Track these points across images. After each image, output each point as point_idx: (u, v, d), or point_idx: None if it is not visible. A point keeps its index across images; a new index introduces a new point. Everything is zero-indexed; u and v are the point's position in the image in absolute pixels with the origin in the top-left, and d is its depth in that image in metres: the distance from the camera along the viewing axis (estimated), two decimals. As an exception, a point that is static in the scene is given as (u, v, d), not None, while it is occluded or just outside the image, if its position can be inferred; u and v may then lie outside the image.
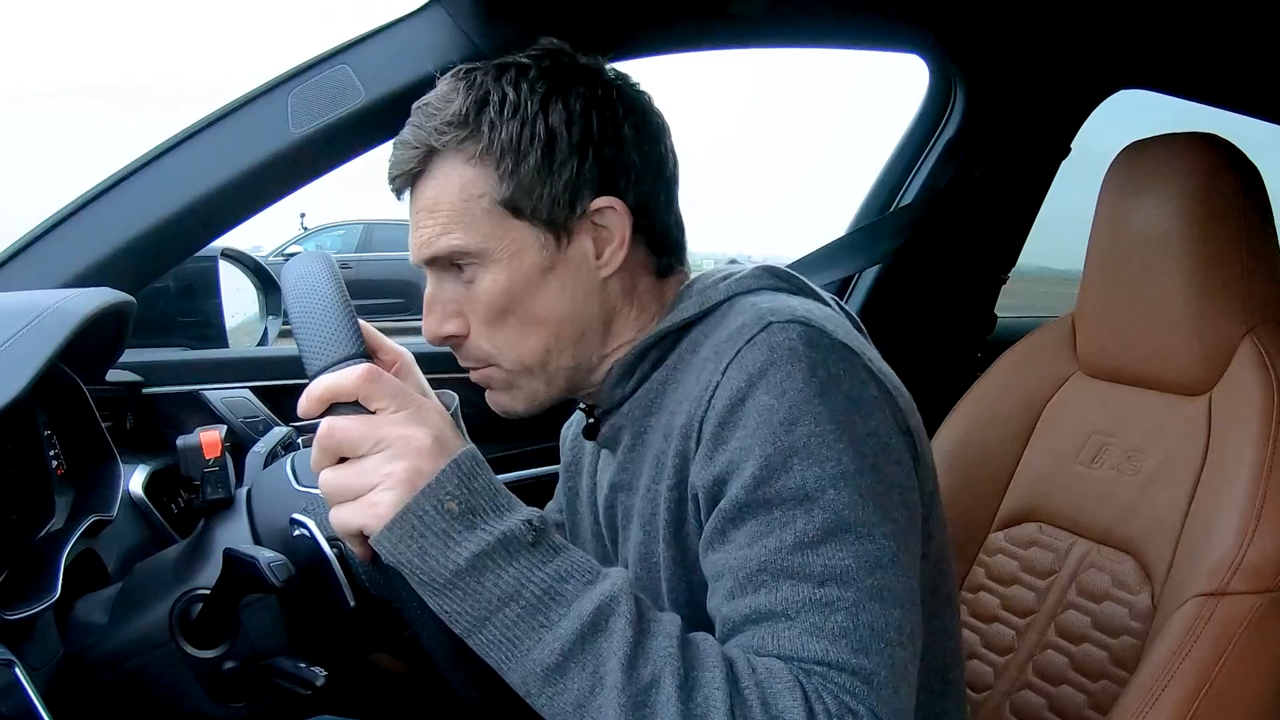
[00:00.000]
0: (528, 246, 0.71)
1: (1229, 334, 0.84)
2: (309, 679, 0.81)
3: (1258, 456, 0.79)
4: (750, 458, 0.61)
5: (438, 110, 0.71)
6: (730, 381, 0.63)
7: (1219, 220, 0.84)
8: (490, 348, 0.73)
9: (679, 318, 0.73)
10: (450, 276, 0.73)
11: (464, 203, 0.70)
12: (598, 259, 0.72)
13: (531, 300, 0.71)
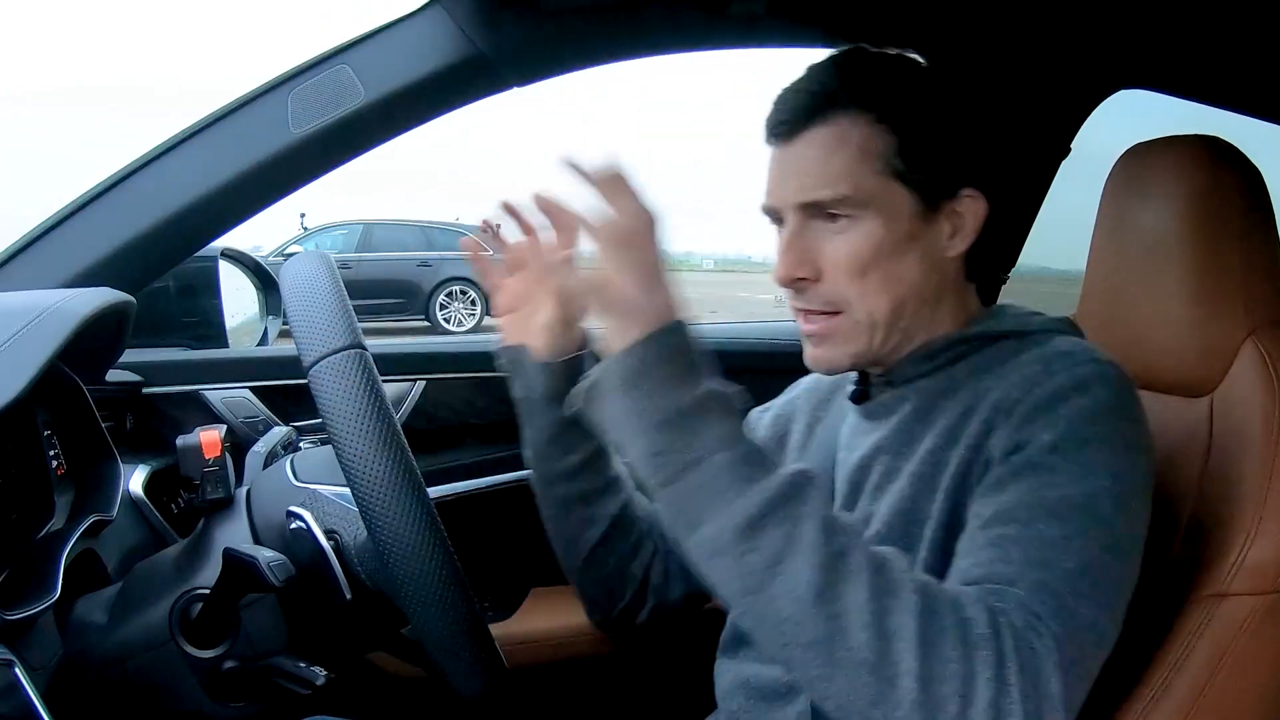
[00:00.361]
0: (903, 212, 0.77)
1: (1231, 336, 0.84)
2: (309, 679, 0.81)
3: (1259, 458, 0.79)
4: (1051, 431, 0.69)
5: (852, 67, 0.78)
6: (1055, 381, 0.72)
7: (1220, 223, 0.84)
8: (845, 295, 0.78)
9: (997, 327, 0.81)
10: (816, 223, 0.77)
11: (861, 157, 0.76)
12: (949, 240, 0.79)
13: (893, 261, 0.77)
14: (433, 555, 0.72)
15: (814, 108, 0.77)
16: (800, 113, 0.77)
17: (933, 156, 0.77)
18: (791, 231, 0.78)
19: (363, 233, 10.90)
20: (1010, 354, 0.78)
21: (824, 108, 0.76)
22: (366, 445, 0.72)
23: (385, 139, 1.06)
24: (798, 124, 0.77)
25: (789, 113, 0.78)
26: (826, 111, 0.76)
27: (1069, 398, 0.71)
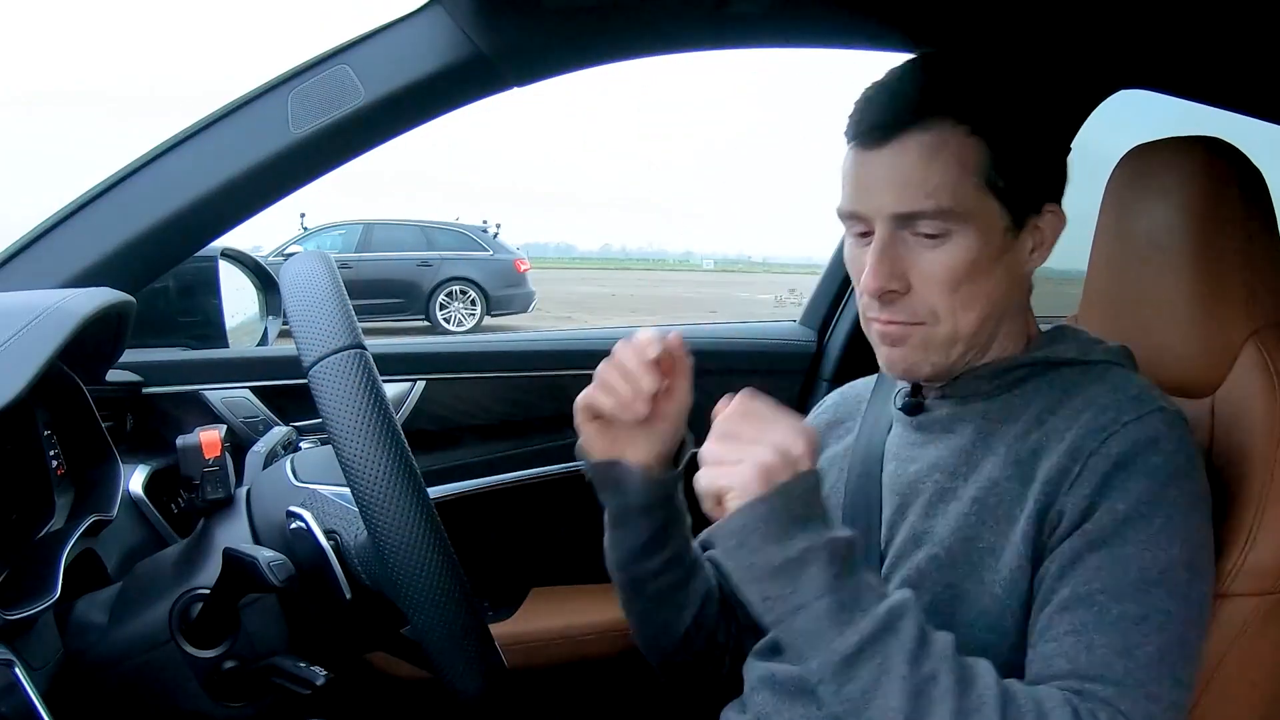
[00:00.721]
0: (996, 227, 0.76)
1: (1232, 337, 0.84)
2: (309, 679, 0.81)
3: (1260, 459, 0.79)
4: (1127, 498, 0.70)
5: (952, 76, 0.76)
6: (1128, 434, 0.72)
7: (1222, 224, 0.84)
8: (935, 307, 0.77)
9: (1061, 354, 0.81)
10: (908, 235, 0.76)
11: (960, 170, 0.74)
12: (1030, 254, 0.79)
13: (984, 275, 0.76)
14: (433, 555, 0.72)
15: (912, 112, 0.74)
16: (897, 115, 0.74)
17: (1025, 171, 0.76)
18: (884, 241, 0.76)
19: (363, 233, 10.91)
20: (1074, 386, 0.78)
21: (922, 113, 0.74)
22: (366, 445, 0.72)
23: (385, 139, 1.06)
24: (893, 128, 0.74)
25: (882, 115, 0.75)
26: (925, 118, 0.74)
27: (1141, 455, 0.71)
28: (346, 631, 0.92)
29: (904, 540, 0.81)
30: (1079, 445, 0.73)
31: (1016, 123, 0.76)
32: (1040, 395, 0.79)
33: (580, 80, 27.35)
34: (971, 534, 0.76)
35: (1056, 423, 0.76)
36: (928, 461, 0.82)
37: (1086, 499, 0.71)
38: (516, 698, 0.79)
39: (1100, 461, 0.72)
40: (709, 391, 1.69)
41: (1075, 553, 0.71)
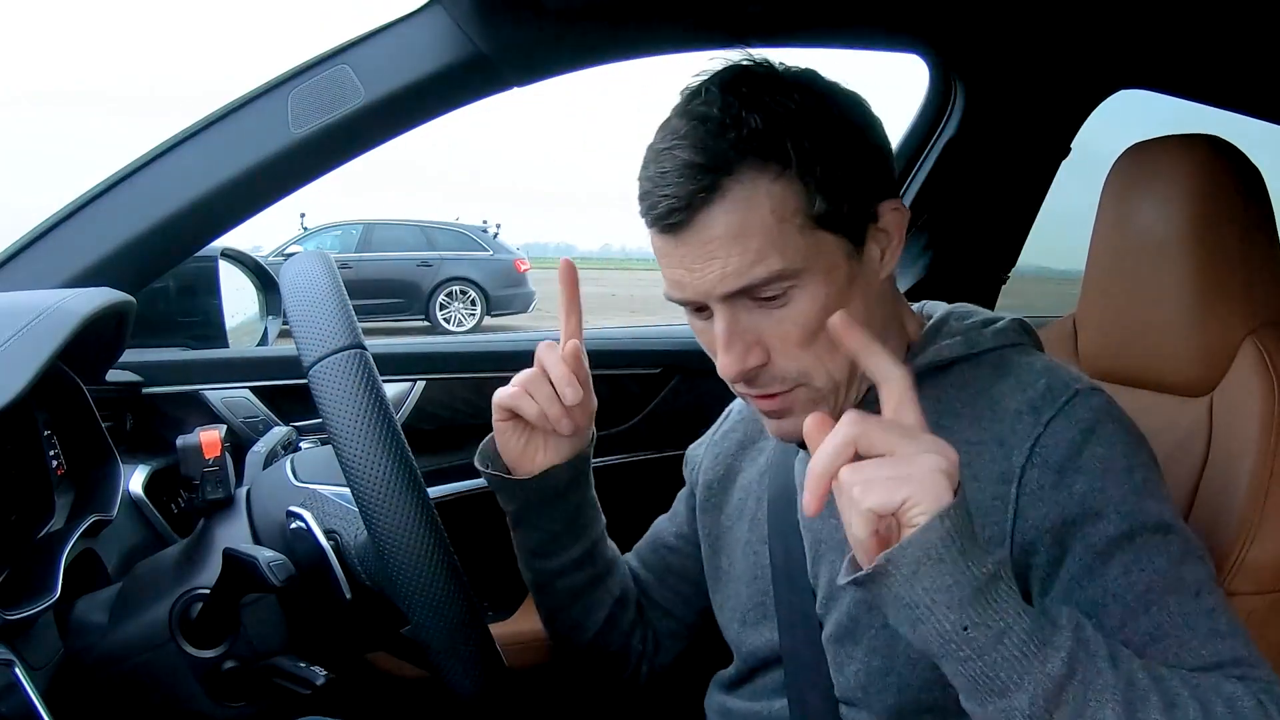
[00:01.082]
0: (837, 259, 0.69)
1: (1230, 336, 0.84)
2: (309, 679, 0.81)
3: (1259, 458, 0.79)
4: (1107, 502, 0.67)
5: (728, 127, 0.66)
6: (1058, 435, 0.68)
7: (1220, 222, 0.84)
8: (801, 368, 0.71)
9: (945, 355, 0.75)
10: (749, 306, 0.69)
11: (778, 223, 0.66)
12: (881, 262, 0.73)
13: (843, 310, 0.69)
14: (433, 555, 0.72)
15: (704, 182, 0.65)
16: (690, 192, 0.65)
17: (847, 187, 0.68)
18: (728, 322, 0.69)
19: (363, 233, 10.90)
20: (970, 385, 0.73)
21: (717, 178, 0.65)
22: (366, 445, 0.72)
23: (385, 139, 1.06)
24: (692, 207, 0.66)
25: (676, 196, 0.66)
26: (720, 180, 0.65)
27: (1084, 449, 0.68)
28: (346, 631, 0.92)
29: (828, 583, 0.77)
30: (1005, 467, 0.69)
31: (818, 140, 0.67)
32: (933, 402, 0.73)
33: (580, 80, 26.90)
34: None
35: (963, 434, 0.71)
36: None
37: (1050, 517, 0.67)
38: (516, 698, 0.79)
39: (1038, 473, 0.68)
40: (709, 391, 1.69)
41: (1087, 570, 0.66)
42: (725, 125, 0.66)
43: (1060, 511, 0.67)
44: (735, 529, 0.90)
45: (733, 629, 0.89)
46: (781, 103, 0.67)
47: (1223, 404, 0.85)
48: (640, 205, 0.70)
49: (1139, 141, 0.92)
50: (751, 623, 0.86)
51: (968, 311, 0.80)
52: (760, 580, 0.85)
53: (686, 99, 0.69)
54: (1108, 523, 0.66)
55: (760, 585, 0.85)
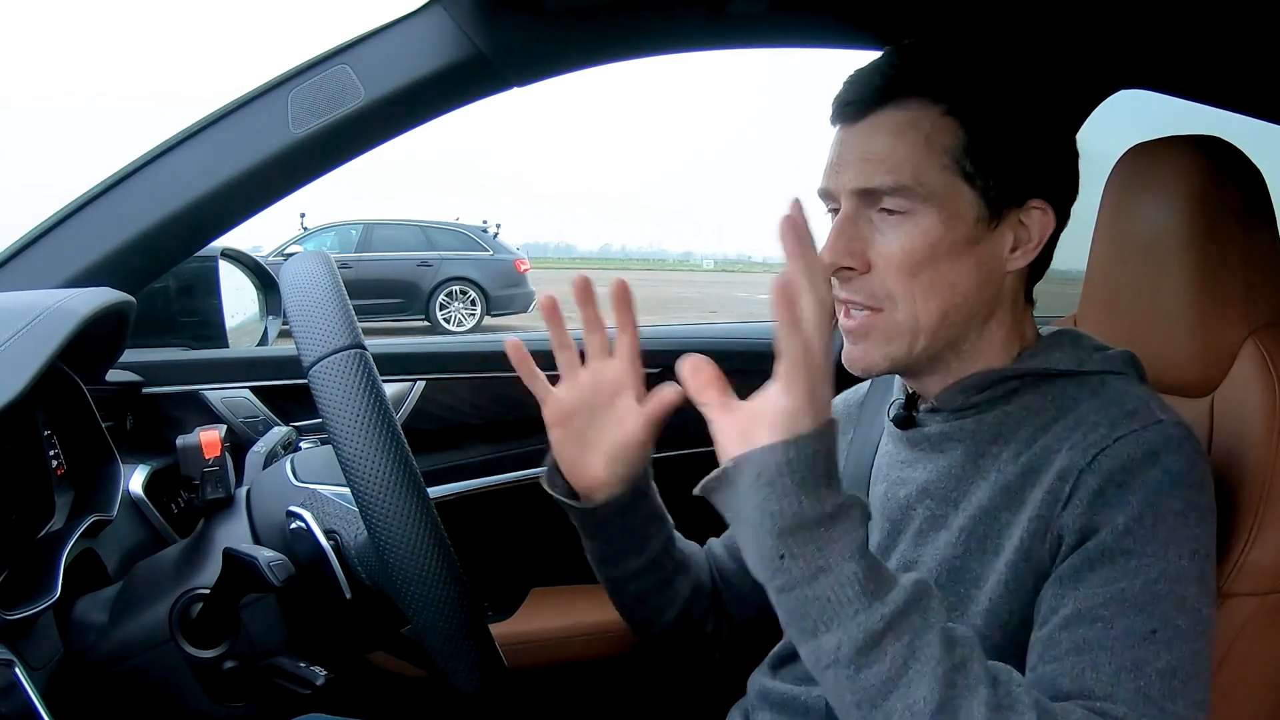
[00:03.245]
0: (966, 213, 0.73)
1: (1231, 336, 0.84)
2: (309, 679, 0.81)
3: (1260, 458, 0.79)
4: (1125, 513, 0.66)
5: (928, 54, 0.73)
6: (1123, 449, 0.68)
7: (1221, 223, 0.84)
8: (890, 292, 0.74)
9: (1053, 364, 0.77)
10: (871, 213, 0.74)
11: (928, 149, 0.72)
12: (1011, 252, 0.75)
13: (949, 264, 0.73)
14: (433, 555, 0.72)
15: (884, 89, 0.73)
16: (870, 93, 0.73)
17: (1003, 160, 0.73)
18: (844, 217, 0.74)
19: (363, 233, 10.90)
20: (1069, 401, 0.74)
21: (895, 91, 0.73)
22: (366, 445, 0.72)
23: (385, 139, 1.06)
24: (865, 105, 0.73)
25: (858, 92, 0.74)
26: (897, 95, 0.73)
27: (1139, 470, 0.68)
28: (346, 631, 0.92)
29: (895, 568, 0.76)
30: (1068, 465, 0.70)
31: (998, 109, 0.73)
32: (1033, 412, 0.75)
33: (580, 80, 26.73)
34: (958, 564, 0.74)
35: (1048, 442, 0.73)
36: (918, 485, 0.79)
37: (1082, 519, 0.68)
38: (516, 698, 0.79)
39: (1091, 478, 0.68)
40: (709, 391, 1.68)
41: (1074, 570, 0.67)
42: (921, 57, 0.74)
43: (1092, 515, 0.68)
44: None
45: None
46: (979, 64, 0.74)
47: (1224, 404, 0.85)
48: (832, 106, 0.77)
49: (1140, 143, 0.92)
50: None
51: (1079, 334, 0.81)
52: None
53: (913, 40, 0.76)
54: (1110, 534, 0.66)
55: None
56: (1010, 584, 0.71)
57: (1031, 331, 0.81)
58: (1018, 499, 0.72)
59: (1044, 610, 0.68)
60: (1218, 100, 1.35)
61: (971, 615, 0.72)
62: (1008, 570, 0.71)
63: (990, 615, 0.72)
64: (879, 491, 0.83)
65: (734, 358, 1.55)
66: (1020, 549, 0.71)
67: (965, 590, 0.73)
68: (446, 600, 0.73)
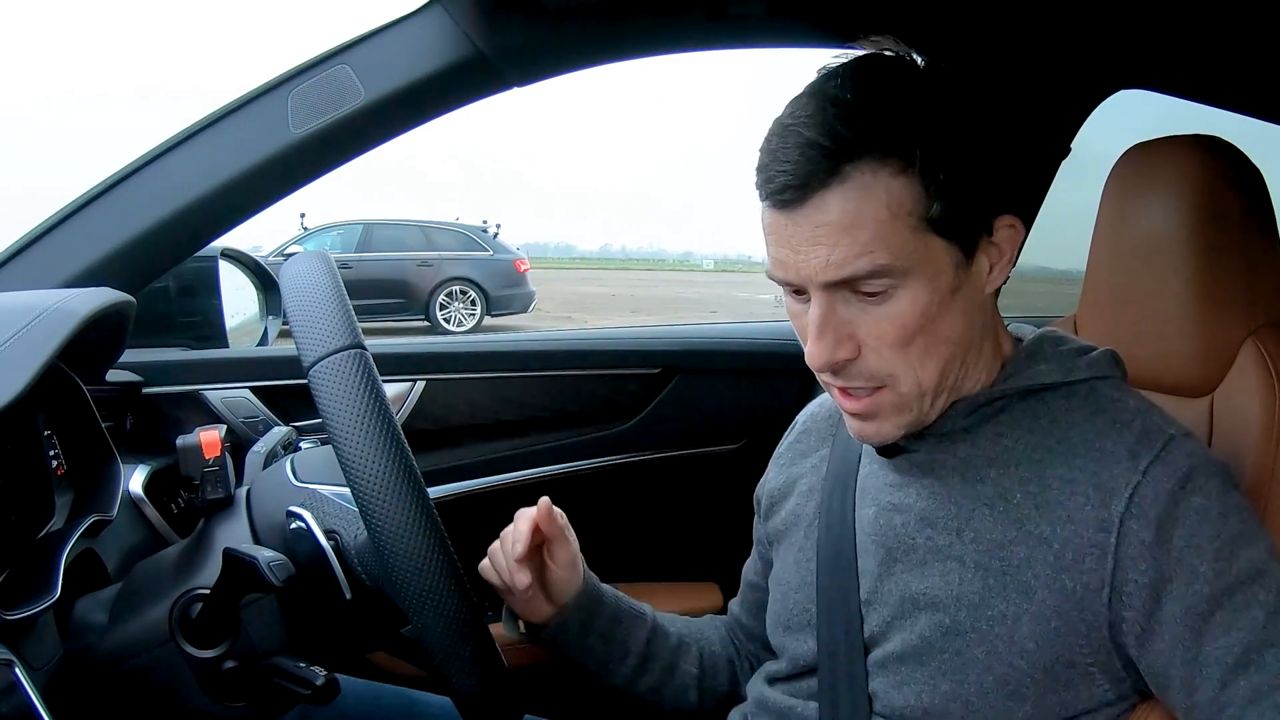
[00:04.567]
0: (944, 265, 0.68)
1: (1231, 336, 0.84)
2: (309, 679, 0.81)
3: (1260, 458, 0.79)
4: (1201, 555, 0.65)
5: (858, 114, 0.65)
6: (1159, 487, 0.67)
7: (1221, 223, 0.84)
8: (891, 370, 0.70)
9: (1039, 379, 0.74)
10: (848, 297, 0.68)
11: (891, 219, 0.65)
12: (988, 276, 0.72)
13: (941, 320, 0.69)
14: (433, 555, 0.72)
15: (825, 165, 0.65)
16: (809, 173, 0.65)
17: (967, 194, 0.68)
18: (823, 311, 0.68)
19: (363, 233, 10.90)
20: (1062, 417, 0.73)
21: (838, 161, 0.64)
22: (366, 445, 0.72)
23: (385, 139, 1.06)
24: (808, 185, 0.65)
25: (794, 174, 0.65)
26: (841, 166, 0.64)
27: (1181, 500, 0.67)
28: (346, 631, 0.92)
29: (900, 600, 0.76)
30: (1102, 513, 0.68)
31: (949, 147, 0.66)
32: (1025, 430, 0.74)
33: (580, 80, 26.65)
34: (978, 600, 0.72)
35: (1056, 470, 0.71)
36: (915, 513, 0.77)
37: (1150, 572, 0.66)
38: (516, 698, 0.79)
39: (1140, 528, 0.67)
40: (709, 391, 1.69)
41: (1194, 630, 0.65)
42: (855, 111, 0.65)
43: (1158, 568, 0.66)
44: (790, 534, 0.90)
45: (777, 632, 0.90)
46: (916, 99, 0.66)
47: (1223, 404, 0.85)
48: (757, 178, 0.69)
49: (1140, 142, 0.92)
50: (794, 629, 0.86)
51: (1060, 338, 0.79)
52: (807, 588, 0.85)
53: (821, 79, 0.69)
54: (1204, 583, 0.65)
55: (806, 593, 0.85)
56: (1060, 629, 0.69)
57: (1008, 340, 0.79)
58: (1034, 534, 0.70)
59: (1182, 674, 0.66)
60: (1218, 100, 1.35)
61: (1008, 654, 0.71)
62: (1054, 615, 0.69)
63: (1033, 657, 0.70)
64: (868, 515, 0.81)
65: (734, 358, 1.56)
66: (1061, 593, 0.69)
67: (991, 627, 0.71)
68: (446, 600, 0.73)
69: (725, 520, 1.25)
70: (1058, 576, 0.69)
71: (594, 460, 1.48)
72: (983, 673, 0.71)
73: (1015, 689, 0.71)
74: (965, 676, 0.72)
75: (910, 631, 0.75)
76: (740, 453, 1.51)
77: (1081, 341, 0.79)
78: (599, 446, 1.48)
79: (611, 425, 1.48)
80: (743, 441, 1.51)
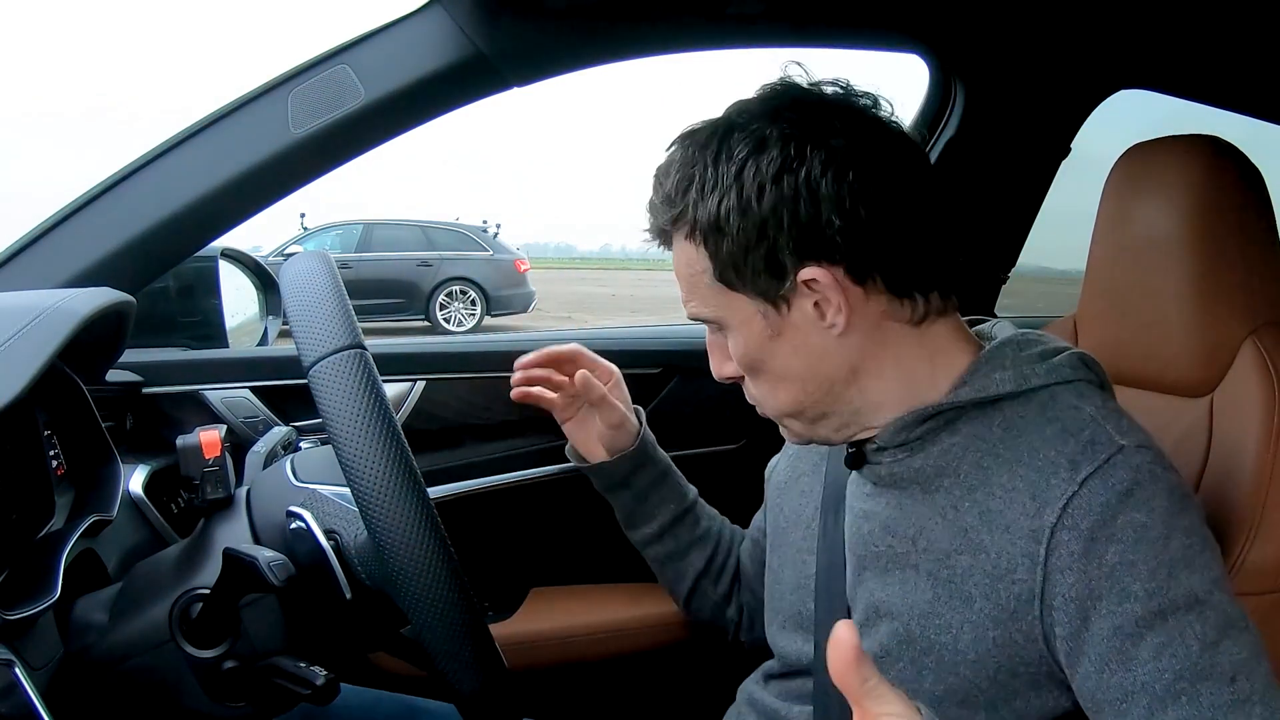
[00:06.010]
0: (751, 315, 0.74)
1: (1231, 336, 0.84)
2: (309, 679, 0.81)
3: (1259, 458, 0.79)
4: (1135, 575, 0.64)
5: (660, 184, 0.75)
6: (1094, 499, 0.65)
7: (1221, 222, 0.84)
8: (754, 394, 0.80)
9: (992, 389, 0.72)
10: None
11: (691, 276, 0.75)
12: (822, 320, 0.72)
13: (771, 360, 0.75)
14: (433, 555, 0.72)
15: (659, 228, 0.76)
16: (656, 228, 0.77)
17: (740, 256, 0.70)
18: (708, 335, 0.81)
19: (363, 233, 10.91)
20: (1017, 422, 0.71)
21: (665, 228, 0.76)
22: (366, 445, 0.72)
23: (385, 139, 1.06)
24: (662, 238, 0.77)
25: (651, 227, 0.78)
26: (668, 230, 0.76)
27: (1119, 515, 0.65)
28: (346, 631, 0.92)
29: (866, 608, 0.77)
30: (1035, 522, 0.67)
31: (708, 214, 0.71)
32: (979, 439, 0.72)
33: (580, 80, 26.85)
34: (928, 610, 0.72)
35: (1001, 478, 0.70)
36: (880, 520, 0.77)
37: (1078, 586, 0.65)
38: (516, 698, 0.79)
39: (1070, 539, 0.65)
40: (709, 391, 1.69)
41: (1121, 652, 0.63)
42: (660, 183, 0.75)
43: (1087, 583, 0.65)
44: (790, 532, 0.91)
45: (772, 630, 0.91)
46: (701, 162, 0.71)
47: (1223, 404, 0.85)
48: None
49: (1139, 142, 0.92)
50: (790, 629, 0.87)
51: (1029, 340, 0.77)
52: (803, 589, 0.86)
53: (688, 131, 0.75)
54: (1136, 602, 0.63)
55: (803, 594, 0.86)
56: (998, 640, 0.69)
57: (964, 354, 0.76)
58: (975, 543, 0.70)
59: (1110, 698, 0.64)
60: (1218, 100, 1.36)
61: (954, 664, 0.71)
62: (992, 625, 0.69)
63: (977, 666, 0.70)
64: (849, 522, 0.82)
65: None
66: (996, 602, 0.69)
67: (938, 637, 0.72)
68: (446, 600, 0.73)
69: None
70: (994, 586, 0.69)
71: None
72: (934, 682, 0.72)
73: (965, 698, 0.71)
74: (919, 685, 0.72)
75: (873, 639, 0.76)
76: (740, 453, 1.51)
77: (1053, 343, 0.77)
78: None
79: (611, 425, 1.48)
80: (743, 441, 1.50)
